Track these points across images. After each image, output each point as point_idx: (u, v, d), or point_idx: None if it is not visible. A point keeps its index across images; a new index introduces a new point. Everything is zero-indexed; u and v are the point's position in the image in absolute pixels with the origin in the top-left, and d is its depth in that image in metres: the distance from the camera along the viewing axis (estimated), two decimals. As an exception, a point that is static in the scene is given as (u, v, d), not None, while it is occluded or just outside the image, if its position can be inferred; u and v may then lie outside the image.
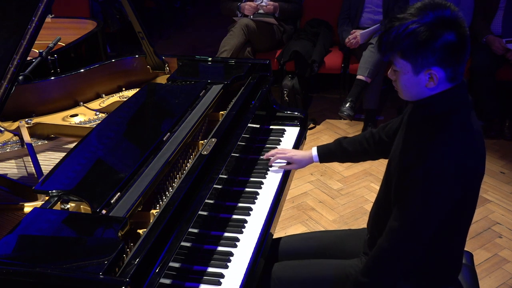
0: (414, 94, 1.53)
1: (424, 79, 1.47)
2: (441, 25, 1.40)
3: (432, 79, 1.46)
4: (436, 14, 1.40)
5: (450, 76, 1.46)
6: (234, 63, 2.56)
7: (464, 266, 1.87)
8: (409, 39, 1.41)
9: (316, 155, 2.06)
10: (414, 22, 1.41)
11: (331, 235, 1.98)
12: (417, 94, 1.52)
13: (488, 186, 3.45)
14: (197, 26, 7.22)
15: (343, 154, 2.03)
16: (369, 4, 4.27)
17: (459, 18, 1.42)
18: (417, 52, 1.42)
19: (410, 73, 1.47)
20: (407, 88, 1.53)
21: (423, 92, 1.50)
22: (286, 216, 3.19)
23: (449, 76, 1.46)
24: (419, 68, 1.45)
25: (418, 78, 1.47)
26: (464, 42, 1.42)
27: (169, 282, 1.45)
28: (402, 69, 1.49)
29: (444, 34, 1.39)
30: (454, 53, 1.42)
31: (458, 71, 1.47)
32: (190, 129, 1.90)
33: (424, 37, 1.40)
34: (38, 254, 1.33)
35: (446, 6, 1.42)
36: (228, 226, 1.79)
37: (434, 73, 1.44)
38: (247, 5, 4.40)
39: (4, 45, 1.78)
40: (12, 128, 2.21)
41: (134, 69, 2.58)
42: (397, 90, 1.57)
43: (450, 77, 1.47)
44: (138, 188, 1.57)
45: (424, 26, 1.40)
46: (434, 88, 1.48)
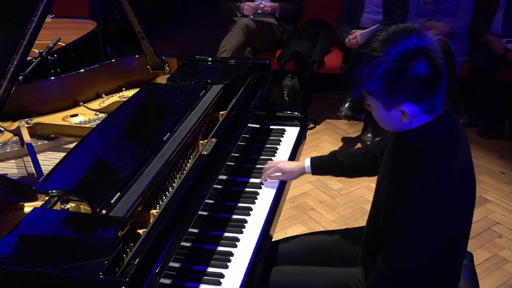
0: (392, 127, 1.46)
1: (397, 115, 1.38)
2: (407, 58, 1.29)
3: (404, 115, 1.37)
4: (400, 46, 1.30)
5: (425, 109, 1.37)
6: (234, 63, 2.56)
7: (464, 266, 1.87)
8: (378, 80, 1.32)
9: (309, 166, 1.99)
10: (378, 60, 1.30)
11: (330, 236, 1.97)
12: (394, 127, 1.45)
13: (488, 186, 3.45)
14: (197, 26, 7.22)
15: (337, 167, 1.96)
16: (369, 4, 4.27)
17: (427, 44, 1.31)
18: (387, 91, 1.33)
19: (382, 109, 1.40)
20: (383, 122, 1.46)
21: (400, 126, 1.42)
22: (286, 216, 3.19)
23: (424, 110, 1.37)
24: (389, 105, 1.37)
25: (391, 113, 1.39)
26: (436, 71, 1.31)
27: (169, 282, 1.45)
28: (374, 104, 1.41)
29: (411, 68, 1.29)
30: (424, 87, 1.32)
31: (434, 103, 1.36)
32: (190, 129, 1.90)
33: (389, 76, 1.30)
34: (38, 254, 1.33)
35: (410, 34, 1.31)
36: (228, 226, 1.79)
37: (405, 109, 1.35)
38: (246, 5, 4.40)
39: (4, 45, 1.78)
40: (12, 128, 2.21)
41: (134, 69, 2.58)
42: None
43: (426, 111, 1.37)
44: (138, 188, 1.57)
45: (388, 64, 1.30)
46: (412, 122, 1.40)
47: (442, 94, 1.37)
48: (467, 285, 1.78)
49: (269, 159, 2.17)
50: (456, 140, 1.43)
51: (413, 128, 1.41)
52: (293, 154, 2.24)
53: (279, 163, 2.04)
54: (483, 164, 3.70)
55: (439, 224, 1.39)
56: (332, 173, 2.03)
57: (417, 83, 1.30)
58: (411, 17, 4.18)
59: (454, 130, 1.45)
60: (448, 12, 4.08)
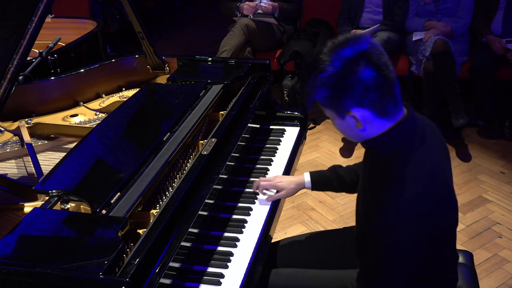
0: (353, 136, 1.46)
1: (351, 122, 1.39)
2: (348, 64, 1.31)
3: (357, 122, 1.37)
4: (341, 54, 1.32)
5: (378, 114, 1.36)
6: (234, 63, 2.56)
7: (464, 266, 1.87)
8: (321, 88, 1.34)
9: (309, 181, 1.92)
10: (321, 69, 1.33)
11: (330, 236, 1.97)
12: (356, 136, 1.45)
13: (488, 186, 3.45)
14: (197, 26, 7.21)
15: (339, 182, 1.91)
16: (369, 4, 4.27)
17: (367, 48, 1.32)
18: (333, 98, 1.35)
19: (337, 118, 1.41)
20: (344, 132, 1.47)
21: (360, 134, 1.42)
22: (286, 216, 3.19)
23: (377, 114, 1.36)
24: (340, 112, 1.38)
25: (346, 121, 1.39)
26: (379, 72, 1.31)
27: (169, 282, 1.45)
28: (330, 115, 1.43)
29: (353, 73, 1.30)
30: (369, 90, 1.31)
31: (386, 106, 1.35)
32: (190, 129, 1.90)
33: (331, 83, 1.32)
34: (38, 254, 1.33)
35: (350, 41, 1.34)
36: (228, 226, 1.79)
37: (355, 115, 1.35)
38: (246, 5, 4.40)
39: (4, 45, 1.78)
40: (12, 128, 2.21)
41: (134, 69, 2.58)
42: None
43: (379, 115, 1.36)
44: (138, 188, 1.57)
45: (330, 71, 1.32)
46: (371, 129, 1.40)
47: (394, 96, 1.36)
48: (467, 285, 1.78)
49: (269, 159, 2.17)
50: (421, 144, 1.41)
51: (375, 136, 1.41)
52: (293, 154, 2.24)
53: (275, 178, 1.94)
54: (483, 164, 3.70)
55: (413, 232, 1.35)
56: (333, 189, 1.95)
57: (361, 87, 1.31)
58: (411, 17, 4.18)
59: (418, 134, 1.42)
60: (448, 12, 4.07)
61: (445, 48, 3.78)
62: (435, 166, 1.43)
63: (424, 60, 3.86)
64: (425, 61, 3.85)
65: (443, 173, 1.47)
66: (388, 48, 4.03)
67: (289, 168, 2.14)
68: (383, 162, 1.43)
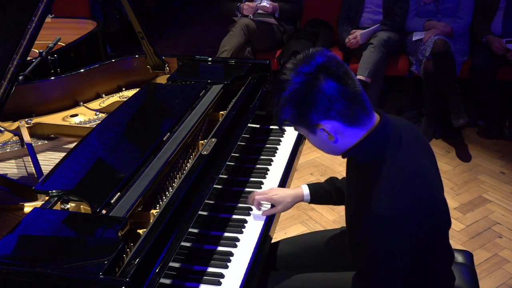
0: (330, 150, 1.47)
1: (323, 135, 1.40)
2: (308, 79, 1.33)
3: (329, 134, 1.38)
4: (300, 71, 1.34)
5: (347, 123, 1.37)
6: (234, 63, 2.56)
7: (464, 266, 1.87)
8: (286, 106, 1.37)
9: (308, 193, 1.87)
10: (283, 88, 1.36)
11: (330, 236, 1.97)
12: (332, 149, 1.46)
13: (488, 186, 3.45)
14: (197, 26, 7.21)
15: (337, 195, 1.86)
16: (369, 4, 4.27)
17: (324, 61, 1.35)
18: (299, 115, 1.37)
19: (310, 134, 1.42)
20: (320, 147, 1.48)
21: (335, 147, 1.43)
22: (286, 216, 3.18)
23: (347, 123, 1.37)
24: (311, 127, 1.39)
25: (318, 136, 1.41)
26: (340, 83, 1.33)
27: (169, 282, 1.45)
28: (303, 133, 1.45)
29: (313, 87, 1.33)
30: (333, 101, 1.33)
31: (354, 114, 1.36)
32: (190, 129, 1.90)
33: (294, 100, 1.35)
34: (38, 254, 1.33)
35: (308, 58, 1.36)
36: (228, 226, 1.79)
37: (325, 127, 1.36)
38: (246, 5, 4.40)
39: (4, 45, 1.78)
40: (12, 128, 2.21)
41: (134, 69, 2.58)
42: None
43: (349, 124, 1.37)
44: (138, 188, 1.57)
45: (291, 89, 1.34)
46: (345, 139, 1.40)
47: (361, 104, 1.37)
48: (467, 285, 1.78)
49: (269, 159, 2.17)
50: (397, 150, 1.41)
51: (351, 146, 1.42)
52: (293, 154, 2.23)
53: (270, 191, 1.87)
54: (483, 164, 3.70)
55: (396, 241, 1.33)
56: (332, 202, 1.90)
57: (324, 99, 1.32)
58: (411, 17, 4.18)
59: (393, 139, 1.42)
60: (448, 12, 4.07)
61: (445, 48, 3.78)
62: (414, 170, 1.41)
63: (424, 60, 3.86)
64: (425, 61, 3.86)
65: (425, 175, 1.44)
66: (388, 48, 4.04)
67: (289, 168, 2.14)
68: (360, 171, 1.43)
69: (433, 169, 1.52)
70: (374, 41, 4.03)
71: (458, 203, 3.29)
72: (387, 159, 1.39)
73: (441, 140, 4.02)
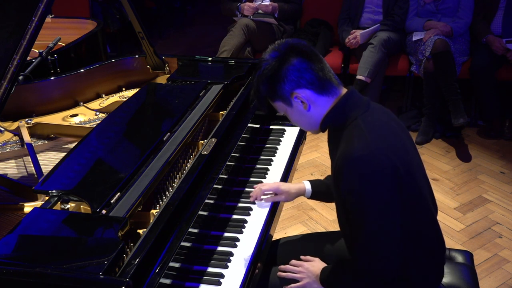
0: (310, 123, 1.61)
1: (299, 105, 1.56)
2: (278, 58, 1.53)
3: (303, 102, 1.54)
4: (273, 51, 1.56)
5: (317, 90, 1.53)
6: (234, 63, 2.56)
7: (464, 266, 1.87)
8: (262, 83, 1.56)
9: (310, 189, 1.94)
10: (261, 66, 1.56)
11: (330, 237, 1.98)
12: (311, 121, 1.60)
13: (488, 186, 3.45)
14: (197, 26, 7.21)
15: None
16: (369, 4, 4.27)
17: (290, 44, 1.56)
18: (274, 88, 1.54)
19: (288, 108, 1.58)
20: (298, 121, 1.63)
21: (312, 117, 1.58)
22: (286, 216, 3.19)
23: (317, 91, 1.53)
24: (286, 99, 1.55)
25: (295, 107, 1.56)
26: (306, 57, 1.52)
27: (169, 282, 1.45)
28: (282, 109, 1.60)
29: (284, 63, 1.52)
30: (302, 71, 1.51)
31: (322, 82, 1.53)
32: (190, 129, 1.90)
33: (268, 74, 1.54)
34: (38, 254, 1.33)
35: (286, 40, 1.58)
36: (228, 226, 1.79)
37: (299, 95, 1.53)
38: (246, 6, 4.41)
39: (4, 45, 1.78)
40: (12, 128, 2.21)
41: (134, 69, 2.58)
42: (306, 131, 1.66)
43: (319, 91, 1.53)
44: (138, 188, 1.57)
45: (266, 68, 1.54)
46: (318, 108, 1.56)
47: (329, 76, 1.55)
48: (467, 285, 1.78)
49: (269, 159, 2.17)
50: (366, 110, 1.55)
51: (324, 115, 1.57)
52: (293, 154, 2.23)
53: (276, 183, 1.97)
54: (483, 164, 3.70)
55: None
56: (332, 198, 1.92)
57: (294, 70, 1.52)
58: (411, 17, 4.18)
59: (362, 104, 1.56)
60: (448, 12, 4.07)
61: (445, 48, 3.78)
62: (384, 125, 1.54)
63: (424, 60, 3.86)
64: (425, 61, 3.86)
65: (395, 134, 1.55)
66: (388, 48, 4.04)
67: (289, 168, 2.14)
68: (337, 136, 1.56)
69: (407, 139, 1.60)
70: (374, 41, 4.03)
71: (458, 203, 3.29)
72: (358, 117, 1.53)
73: (441, 140, 4.02)
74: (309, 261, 1.77)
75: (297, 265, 1.76)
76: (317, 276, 1.70)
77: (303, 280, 1.72)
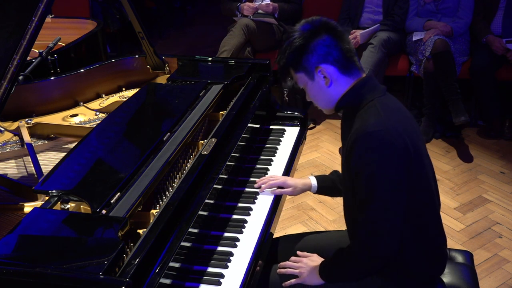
0: (327, 99, 1.65)
1: (321, 80, 1.60)
2: (312, 31, 1.59)
3: (326, 77, 1.59)
4: (306, 25, 1.61)
5: (341, 69, 1.59)
6: (234, 63, 2.56)
7: (464, 266, 1.87)
8: (290, 51, 1.61)
9: (316, 185, 1.97)
10: (291, 36, 1.61)
11: (330, 236, 1.98)
12: (328, 98, 1.64)
13: (488, 186, 3.45)
14: (197, 26, 7.21)
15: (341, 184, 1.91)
16: (369, 4, 4.27)
17: (327, 22, 1.61)
18: (300, 59, 1.60)
19: (309, 81, 1.63)
20: (316, 97, 1.67)
21: (330, 94, 1.63)
22: (286, 216, 3.19)
23: (341, 70, 1.59)
24: (310, 72, 1.60)
25: (316, 81, 1.61)
26: (338, 37, 1.58)
27: (169, 282, 1.45)
28: (303, 82, 1.65)
29: (316, 37, 1.57)
30: (332, 49, 1.57)
31: (347, 62, 1.59)
32: (190, 129, 1.90)
33: (299, 44, 1.59)
34: (38, 254, 1.33)
35: (318, 18, 1.62)
36: (228, 226, 1.79)
37: (323, 68, 1.58)
38: (246, 6, 4.40)
39: (4, 45, 1.78)
40: (12, 128, 2.21)
41: (134, 69, 2.58)
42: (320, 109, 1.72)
43: (342, 70, 1.59)
44: (138, 188, 1.57)
45: (298, 37, 1.59)
46: (338, 87, 1.61)
47: (353, 58, 1.61)
48: (467, 285, 1.78)
49: (269, 159, 2.17)
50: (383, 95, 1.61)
51: (342, 95, 1.62)
52: (293, 154, 2.24)
53: (283, 177, 2.01)
54: (483, 164, 3.70)
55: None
56: (337, 193, 1.97)
57: (324, 45, 1.57)
58: (411, 17, 4.18)
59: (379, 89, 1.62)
60: (448, 12, 4.07)
61: (445, 48, 3.78)
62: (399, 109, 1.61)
63: (424, 60, 3.86)
64: (425, 61, 3.86)
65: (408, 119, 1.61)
66: (388, 48, 4.04)
67: (289, 168, 2.14)
68: (352, 115, 1.60)
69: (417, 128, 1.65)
70: (374, 41, 4.03)
71: (458, 203, 3.29)
72: (374, 99, 1.58)
73: (441, 140, 4.02)
74: (308, 257, 1.78)
75: (296, 261, 1.78)
76: (316, 270, 1.71)
77: (302, 275, 1.73)
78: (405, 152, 1.50)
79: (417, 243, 1.63)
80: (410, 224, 1.58)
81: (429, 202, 1.64)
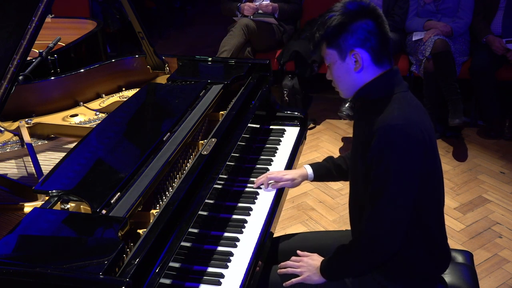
0: (350, 84, 1.63)
1: (351, 63, 1.58)
2: (358, 12, 1.56)
3: (357, 61, 1.57)
4: (353, 5, 1.57)
5: (375, 58, 1.57)
6: (234, 63, 2.56)
7: (464, 266, 1.87)
8: (329, 26, 1.57)
9: (312, 173, 2.01)
10: (334, 11, 1.58)
11: (330, 236, 1.98)
12: (352, 83, 1.63)
13: (488, 186, 3.45)
14: (197, 26, 7.21)
15: (337, 171, 2.00)
16: (369, 4, 4.27)
17: (375, 8, 1.58)
18: (338, 37, 1.56)
19: (339, 61, 1.60)
20: (340, 79, 1.65)
21: (355, 79, 1.61)
22: (286, 216, 3.19)
23: (374, 59, 1.57)
24: (344, 52, 1.58)
25: (346, 63, 1.59)
26: (381, 26, 1.57)
27: (169, 282, 1.45)
28: (331, 59, 1.62)
29: (360, 19, 1.55)
30: (372, 36, 1.55)
31: (382, 53, 1.58)
32: (190, 129, 1.90)
33: (341, 21, 1.55)
34: (38, 254, 1.33)
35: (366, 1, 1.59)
36: (228, 226, 1.79)
37: (358, 53, 1.56)
38: (246, 6, 4.41)
39: (4, 45, 1.78)
40: (12, 128, 2.21)
41: (134, 69, 2.58)
42: (337, 90, 1.71)
43: (375, 60, 1.58)
44: (138, 188, 1.57)
45: (342, 14, 1.56)
46: (365, 74, 1.59)
47: (388, 49, 1.60)
48: (467, 285, 1.78)
49: (269, 159, 2.17)
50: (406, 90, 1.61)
51: (365, 84, 1.60)
52: (293, 154, 2.24)
53: (281, 171, 2.03)
54: (483, 164, 3.70)
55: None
56: (332, 178, 2.05)
57: (365, 30, 1.55)
58: (411, 17, 4.18)
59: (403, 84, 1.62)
60: (448, 12, 4.07)
61: (445, 48, 3.78)
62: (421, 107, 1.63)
63: (424, 60, 3.86)
64: (425, 61, 3.85)
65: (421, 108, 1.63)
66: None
67: (289, 168, 2.14)
68: (371, 108, 1.59)
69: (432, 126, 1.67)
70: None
71: (458, 203, 3.29)
72: (396, 93, 1.59)
73: (441, 140, 4.02)
74: (308, 256, 1.78)
75: (297, 260, 1.77)
76: (317, 269, 1.72)
77: (303, 274, 1.73)
78: (423, 147, 1.53)
79: (424, 242, 1.64)
80: (418, 223, 1.59)
81: (436, 200, 1.65)
